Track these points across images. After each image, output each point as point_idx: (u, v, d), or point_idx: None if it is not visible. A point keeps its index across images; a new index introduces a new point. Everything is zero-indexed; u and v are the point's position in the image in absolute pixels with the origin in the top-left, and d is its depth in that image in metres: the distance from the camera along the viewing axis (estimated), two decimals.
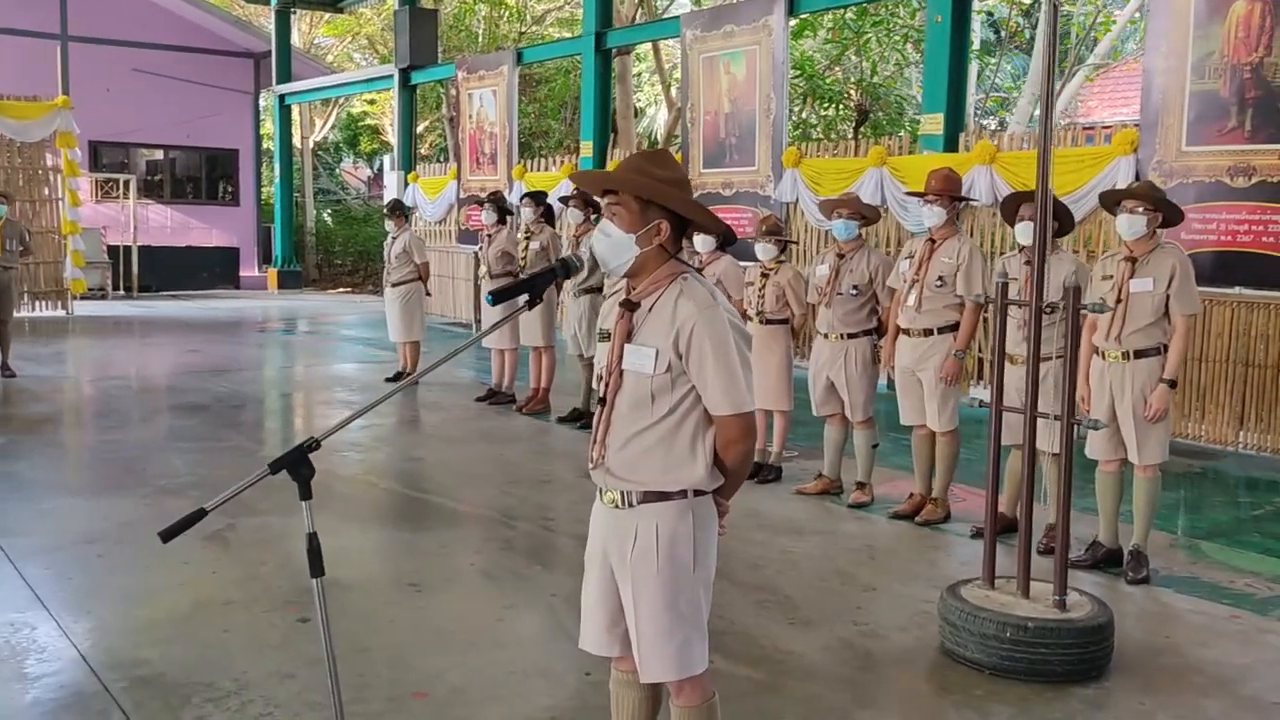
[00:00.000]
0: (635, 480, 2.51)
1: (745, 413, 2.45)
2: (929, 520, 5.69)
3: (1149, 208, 4.70)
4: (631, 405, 2.50)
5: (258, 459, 6.95)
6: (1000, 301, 4.09)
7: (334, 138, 28.40)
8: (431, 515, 5.82)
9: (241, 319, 15.63)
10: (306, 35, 25.45)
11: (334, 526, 5.35)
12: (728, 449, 2.49)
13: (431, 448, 7.17)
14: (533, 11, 21.54)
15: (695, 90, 11.21)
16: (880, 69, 15.94)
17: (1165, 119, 7.55)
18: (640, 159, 2.54)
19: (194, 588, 4.49)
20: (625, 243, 2.50)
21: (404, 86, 16.55)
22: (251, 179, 21.77)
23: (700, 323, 2.43)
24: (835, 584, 4.76)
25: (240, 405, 8.85)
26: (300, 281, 20.96)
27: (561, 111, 21.80)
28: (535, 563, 5.06)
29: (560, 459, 7.15)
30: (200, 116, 20.63)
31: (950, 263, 5.53)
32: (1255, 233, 7.04)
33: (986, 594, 4.01)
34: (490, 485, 6.40)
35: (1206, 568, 5.03)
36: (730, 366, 2.43)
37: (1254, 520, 5.89)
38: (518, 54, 14.36)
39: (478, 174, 14.54)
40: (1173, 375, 4.67)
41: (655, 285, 2.52)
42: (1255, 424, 6.76)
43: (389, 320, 9.77)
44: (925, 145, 9.23)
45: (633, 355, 2.49)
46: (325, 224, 24.71)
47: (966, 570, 5.04)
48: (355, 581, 4.65)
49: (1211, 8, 7.24)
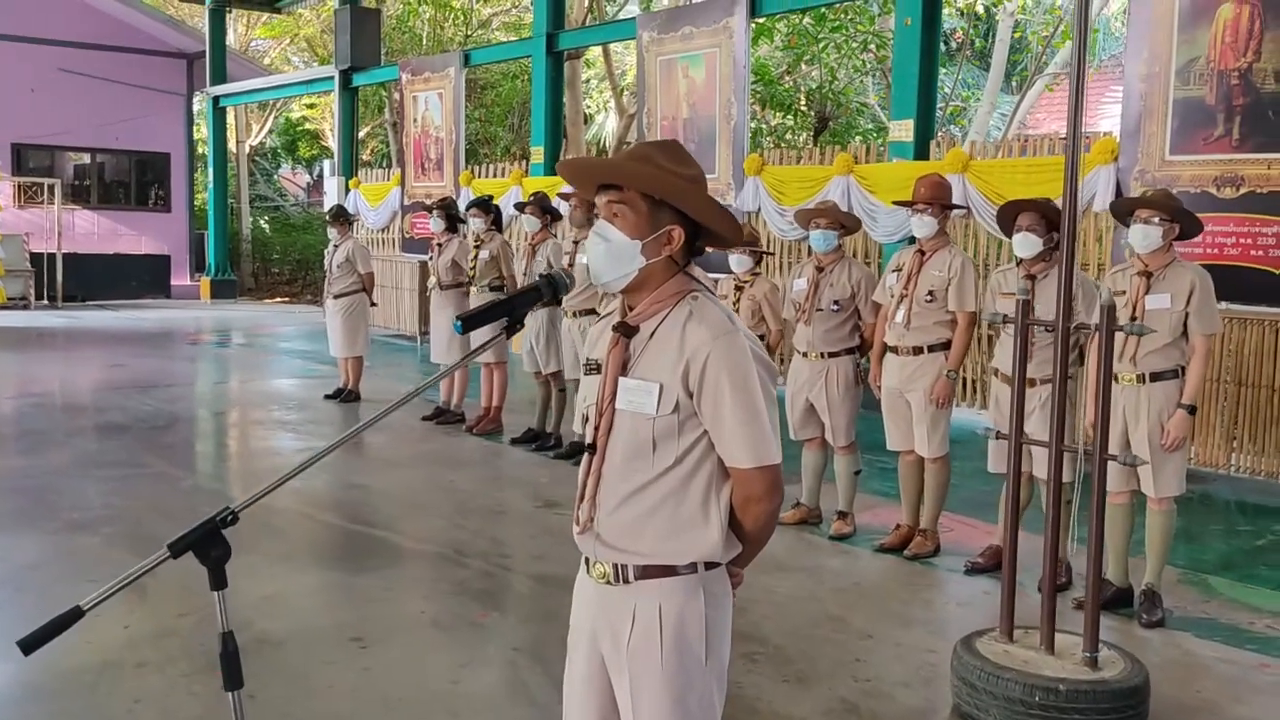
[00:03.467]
0: (633, 550, 2.02)
1: (770, 465, 1.98)
2: (918, 554, 5.27)
3: (1165, 218, 4.32)
4: (628, 454, 2.02)
5: (182, 489, 6.35)
6: (1021, 322, 3.65)
7: (272, 143, 27.54)
8: (375, 552, 5.27)
9: (172, 330, 14.86)
10: (243, 37, 24.61)
11: (264, 569, 4.79)
12: (748, 509, 2.01)
13: (374, 473, 6.61)
14: (478, 15, 20.97)
15: (652, 94, 10.75)
16: (839, 76, 15.63)
17: (1147, 127, 7.22)
18: (649, 148, 2.05)
19: (101, 646, 3.91)
20: (629, 251, 2.01)
21: (345, 89, 15.90)
22: (184, 184, 20.91)
23: (715, 353, 1.95)
24: (828, 631, 4.31)
25: (166, 426, 8.20)
26: (235, 291, 20.16)
27: (508, 118, 21.25)
28: (491, 608, 4.55)
29: (514, 486, 6.63)
30: (130, 118, 19.76)
31: (941, 276, 5.12)
32: (1244, 246, 6.73)
33: (1006, 649, 3.57)
34: (439, 516, 5.87)
35: (1221, 607, 4.65)
36: (753, 407, 1.96)
37: (1259, 551, 5.54)
38: (465, 56, 13.81)
39: (423, 180, 13.96)
40: (1192, 400, 4.29)
41: (658, 305, 2.04)
42: (1248, 446, 6.44)
43: (330, 334, 9.17)
44: (895, 153, 8.85)
45: (630, 392, 2.01)
46: (262, 231, 23.88)
47: (965, 613, 4.63)
48: (288, 635, 4.10)
49: (1196, 11, 6.94)
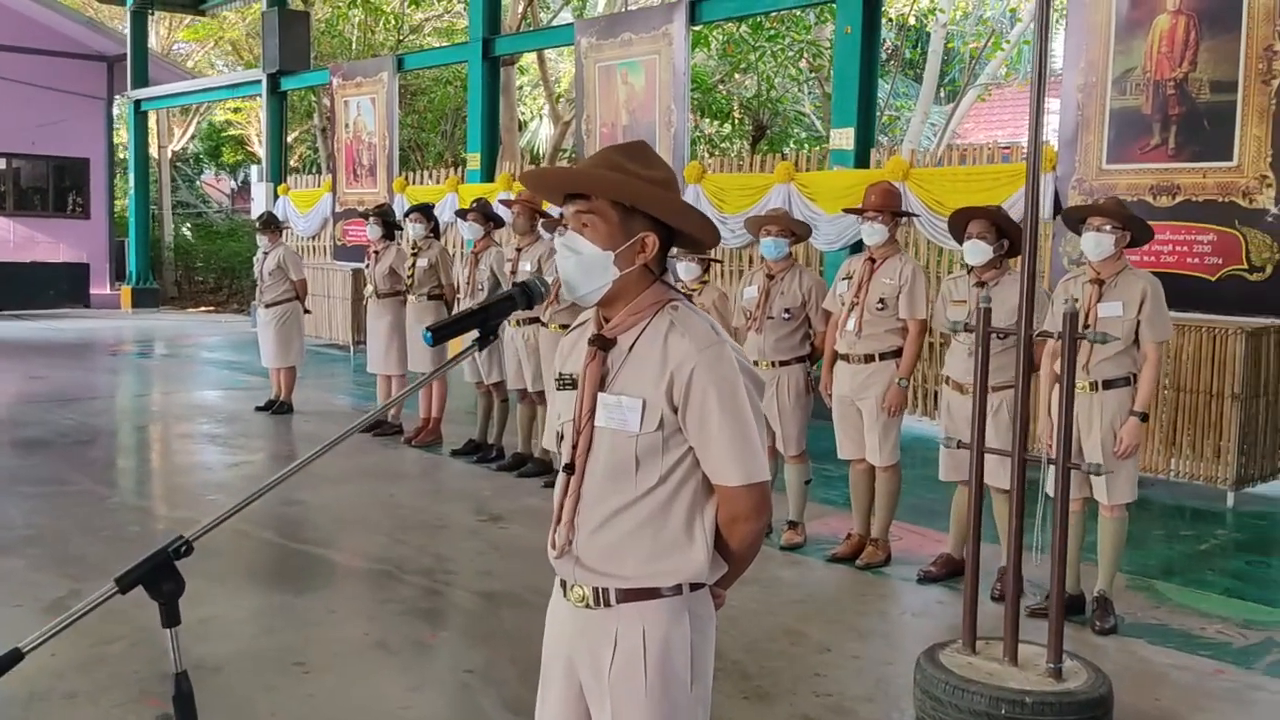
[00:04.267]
0: (615, 573, 1.92)
1: (759, 482, 1.89)
2: (870, 564, 5.23)
3: (1117, 225, 4.33)
4: (609, 474, 1.91)
5: (108, 507, 6.09)
6: (982, 330, 3.61)
7: (195, 148, 26.89)
8: (316, 571, 5.09)
9: (92, 341, 14.38)
10: (165, 40, 23.98)
11: (200, 589, 4.55)
12: (734, 528, 1.93)
13: (312, 488, 6.41)
14: (410, 20, 20.69)
15: (591, 101, 10.66)
16: (777, 84, 15.67)
17: (1084, 136, 7.31)
18: (614, 153, 1.96)
19: (27, 676, 3.67)
20: (601, 263, 1.92)
21: (273, 93, 15.55)
22: (104, 190, 20.31)
23: (702, 366, 1.86)
24: (785, 644, 4.23)
25: (89, 440, 7.89)
26: (157, 300, 19.59)
27: (441, 124, 20.99)
28: (439, 628, 4.40)
29: (456, 500, 6.47)
30: (48, 123, 19.12)
31: (892, 284, 5.09)
32: (1180, 254, 6.83)
33: (969, 660, 3.53)
34: (380, 532, 5.69)
35: (1172, 613, 4.67)
36: (742, 423, 1.87)
37: (1203, 556, 5.60)
38: (398, 60, 13.58)
39: (355, 187, 13.69)
40: (1144, 407, 4.30)
41: (636, 316, 1.94)
42: (1186, 451, 6.52)
43: (262, 344, 8.91)
44: (836, 160, 8.86)
45: (611, 409, 1.91)
46: (185, 239, 23.27)
47: (921, 623, 4.60)
48: (227, 660, 3.92)
49: (1133, 22, 7.04)
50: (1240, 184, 6.58)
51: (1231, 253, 6.66)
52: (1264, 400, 6.47)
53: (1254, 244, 6.55)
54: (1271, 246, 6.47)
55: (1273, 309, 6.51)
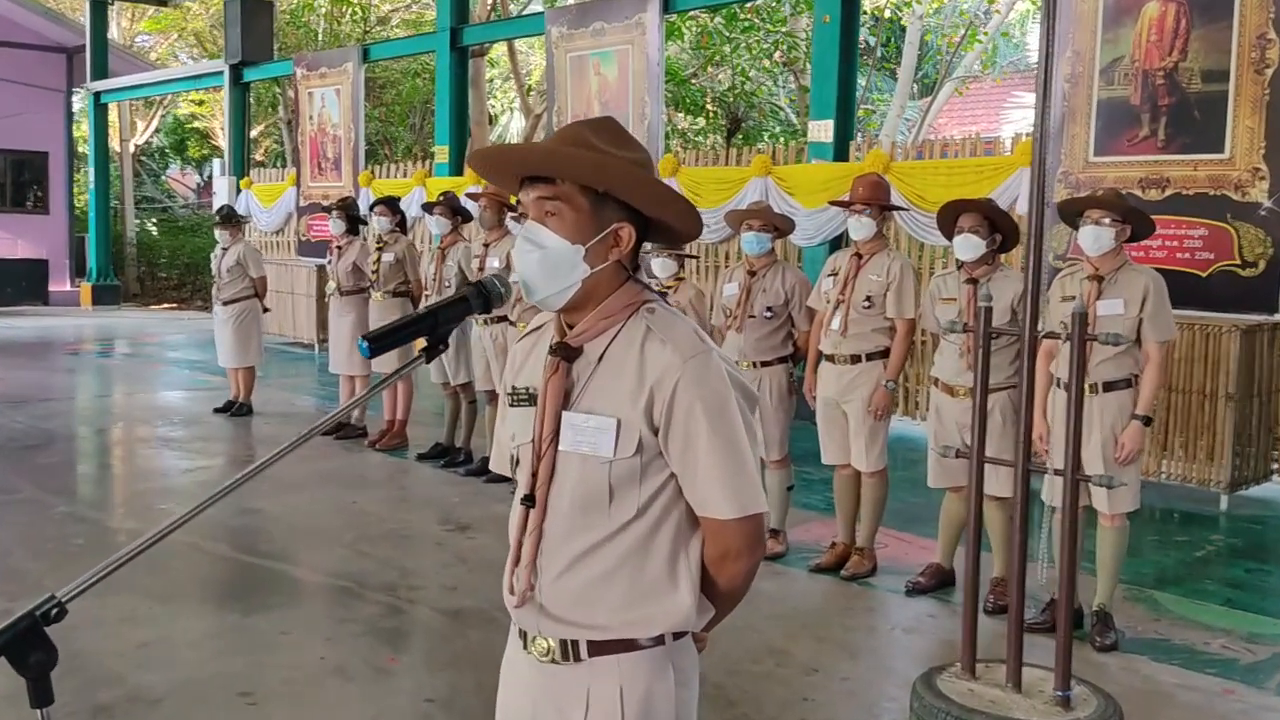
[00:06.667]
0: (586, 623, 1.64)
1: (755, 514, 1.63)
2: (856, 574, 4.99)
3: (1116, 219, 4.10)
4: (577, 507, 1.64)
5: (54, 518, 5.75)
6: (982, 330, 3.36)
7: (159, 142, 26.33)
8: (270, 587, 4.78)
9: (49, 340, 13.94)
10: (127, 31, 23.43)
11: (142, 610, 4.28)
12: (723, 566, 1.66)
13: (269, 496, 6.09)
14: (378, 10, 20.29)
15: (562, 92, 10.36)
16: (751, 77, 15.41)
17: (1070, 128, 7.10)
18: (581, 128, 1.67)
19: None
20: (569, 258, 1.64)
21: (235, 84, 15.14)
22: (63, 184, 19.78)
23: (686, 379, 1.59)
24: (770, 665, 3.98)
25: (39, 445, 7.53)
26: (118, 297, 19.11)
27: (409, 117, 20.60)
28: (399, 650, 4.11)
29: (422, 507, 6.18)
30: (5, 116, 18.59)
31: (879, 280, 4.85)
32: (1170, 249, 6.63)
33: (970, 687, 3.28)
34: (340, 544, 5.39)
35: (1173, 626, 4.45)
36: (734, 445, 1.61)
37: (1200, 564, 5.39)
38: (364, 51, 13.22)
39: (320, 180, 13.33)
40: (1147, 410, 4.07)
41: (607, 321, 1.67)
42: (1178, 453, 6.32)
43: (219, 343, 8.56)
44: (814, 154, 8.62)
45: (579, 430, 1.63)
46: (149, 234, 22.75)
47: (912, 640, 4.36)
48: (167, 691, 3.61)
49: (1120, 9, 6.82)
50: (1232, 176, 6.39)
51: (1223, 248, 6.46)
52: (1258, 400, 6.29)
53: (1246, 239, 6.35)
54: (1265, 241, 6.28)
55: (1266, 306, 6.32)
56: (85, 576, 1.28)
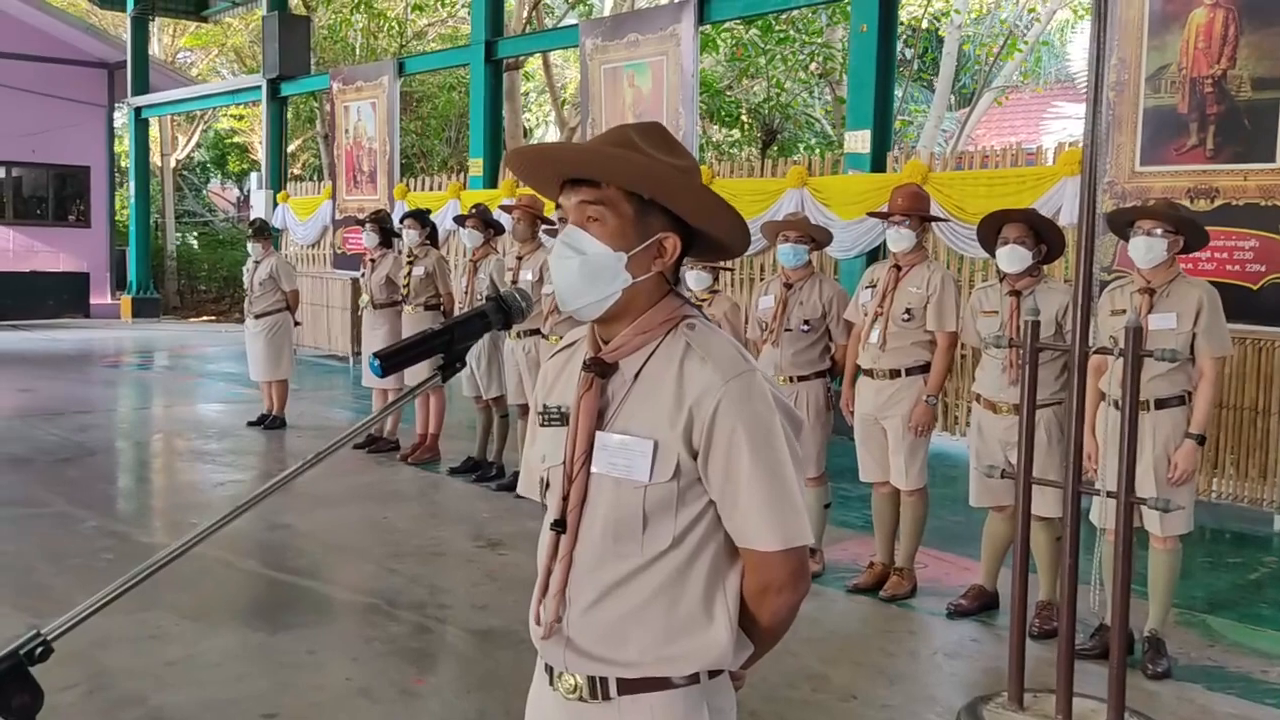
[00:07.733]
0: (616, 659, 1.54)
1: (800, 546, 1.52)
2: (895, 595, 4.84)
3: (1169, 229, 3.95)
4: (610, 534, 1.54)
5: (82, 533, 5.73)
6: (1031, 346, 3.23)
7: (200, 157, 26.61)
8: (298, 606, 4.71)
9: (89, 352, 14.06)
10: (169, 47, 23.73)
11: (173, 627, 4.23)
12: (765, 600, 1.55)
13: (301, 511, 6.04)
14: (414, 25, 20.39)
15: (596, 104, 10.30)
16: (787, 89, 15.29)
17: (1116, 137, 6.93)
18: (629, 131, 1.57)
19: None
20: (611, 266, 1.54)
21: (273, 98, 15.23)
22: (104, 198, 20.01)
23: (728, 400, 1.49)
24: (807, 691, 3.85)
25: (71, 458, 7.53)
26: (158, 309, 19.29)
27: (445, 131, 20.65)
28: (427, 671, 4.03)
29: (454, 522, 6.11)
30: (48, 130, 18.84)
31: (919, 293, 4.72)
32: (1219, 260, 6.44)
33: (1017, 719, 3.15)
34: (370, 560, 5.33)
35: (1227, 652, 4.28)
36: (778, 473, 1.50)
37: (1254, 586, 5.20)
38: (399, 64, 13.24)
39: (355, 193, 13.35)
40: (1201, 429, 3.92)
41: (645, 336, 1.57)
42: (1229, 471, 6.13)
43: (250, 356, 8.55)
44: (851, 164, 8.49)
45: (613, 452, 1.54)
46: (189, 248, 22.97)
47: (955, 666, 4.21)
48: (191, 712, 3.55)
49: (1167, 16, 6.66)
50: None
51: (1275, 259, 6.26)
52: None
53: None
54: None
55: None
56: (75, 611, 1.19)
